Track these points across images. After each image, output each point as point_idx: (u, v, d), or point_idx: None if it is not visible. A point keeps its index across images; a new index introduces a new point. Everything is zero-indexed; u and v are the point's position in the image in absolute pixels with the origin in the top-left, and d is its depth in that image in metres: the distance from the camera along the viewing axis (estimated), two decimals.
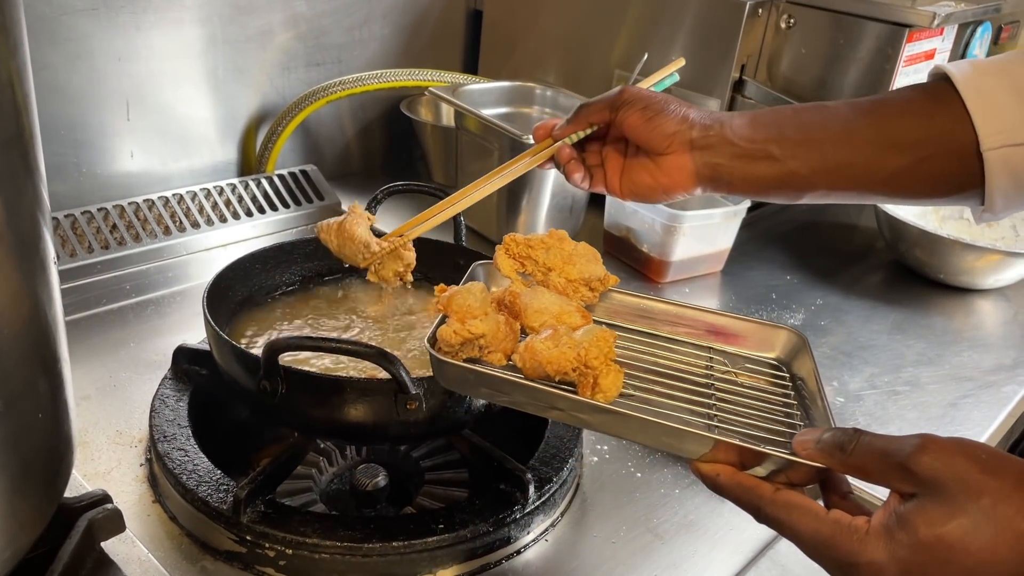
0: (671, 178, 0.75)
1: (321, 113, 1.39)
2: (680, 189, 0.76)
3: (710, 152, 0.73)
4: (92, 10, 1.08)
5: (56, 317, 0.62)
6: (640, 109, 0.74)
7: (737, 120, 0.74)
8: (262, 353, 0.68)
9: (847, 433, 0.53)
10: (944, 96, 0.67)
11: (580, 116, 0.78)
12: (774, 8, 1.27)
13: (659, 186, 0.76)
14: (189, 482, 0.75)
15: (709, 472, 0.57)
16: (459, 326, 0.62)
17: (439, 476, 0.89)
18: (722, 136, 0.73)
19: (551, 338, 0.63)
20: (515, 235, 0.74)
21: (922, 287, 1.31)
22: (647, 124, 0.74)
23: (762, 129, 0.72)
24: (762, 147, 0.72)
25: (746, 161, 0.73)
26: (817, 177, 0.72)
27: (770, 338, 0.75)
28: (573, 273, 0.73)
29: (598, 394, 0.60)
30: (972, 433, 0.98)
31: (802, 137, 0.71)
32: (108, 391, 0.93)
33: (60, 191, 1.12)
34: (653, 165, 0.76)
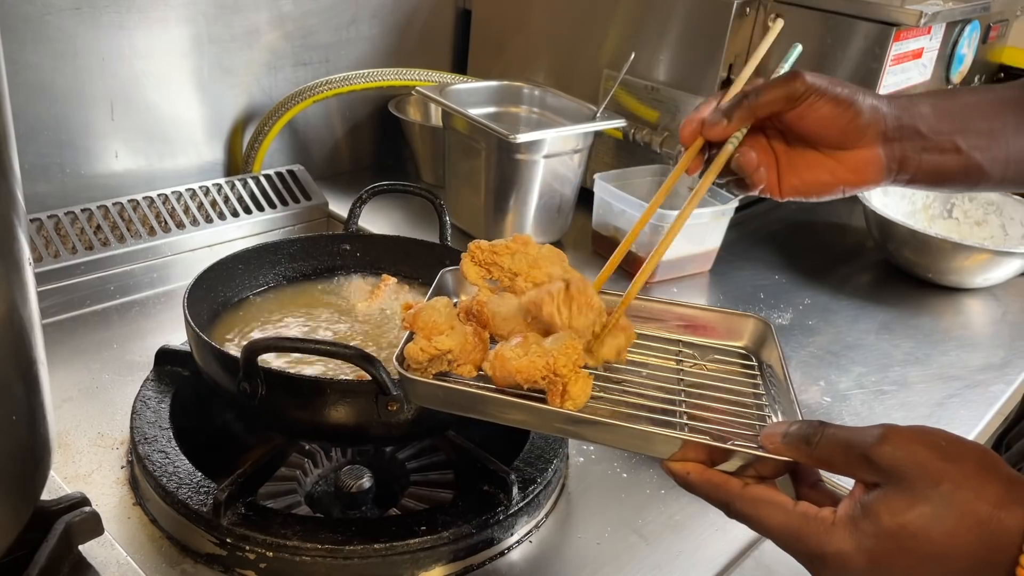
0: (858, 174, 0.69)
1: (308, 113, 1.38)
2: (868, 183, 0.70)
3: (900, 144, 0.69)
4: (76, 10, 1.07)
5: (32, 319, 0.61)
6: (831, 101, 0.66)
7: (924, 108, 0.69)
8: (240, 354, 0.68)
9: (812, 426, 0.54)
10: None
11: (748, 107, 0.67)
12: (761, 7, 1.27)
13: (841, 182, 0.70)
14: (169, 484, 0.74)
15: (679, 470, 0.58)
16: (425, 343, 0.61)
17: (425, 477, 0.88)
18: (913, 127, 0.68)
19: (520, 346, 0.63)
20: (480, 242, 0.72)
21: (911, 286, 1.31)
22: (840, 118, 0.66)
23: (948, 120, 0.69)
24: (949, 139, 0.69)
25: (933, 153, 0.69)
26: (996, 167, 0.70)
27: (737, 327, 0.75)
28: (540, 277, 0.71)
29: (567, 401, 0.59)
30: (959, 432, 0.97)
31: (986, 127, 0.69)
32: (90, 393, 0.92)
33: (44, 192, 1.12)
34: (831, 161, 0.69)
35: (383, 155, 1.57)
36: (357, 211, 1.01)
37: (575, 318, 0.65)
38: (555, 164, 1.24)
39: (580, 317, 0.65)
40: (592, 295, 0.66)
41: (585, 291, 0.66)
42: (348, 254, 1.00)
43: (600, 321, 0.66)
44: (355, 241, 1.00)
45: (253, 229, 1.24)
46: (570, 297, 0.65)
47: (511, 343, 0.64)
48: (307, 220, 1.31)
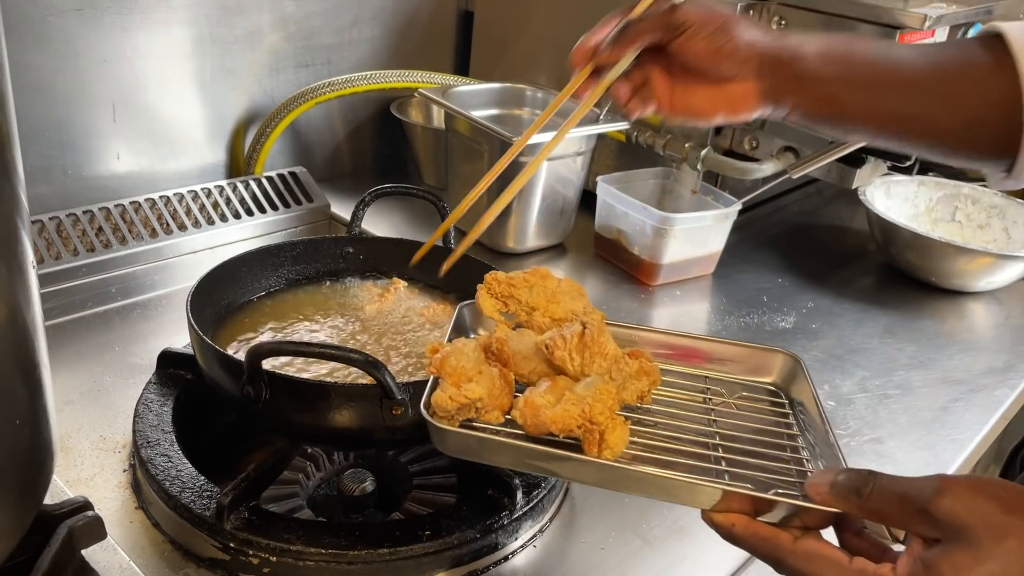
0: (732, 104, 0.72)
1: (310, 115, 1.38)
2: (742, 113, 0.72)
3: (776, 81, 0.70)
4: (78, 11, 1.07)
5: (35, 321, 0.61)
6: (707, 36, 0.68)
7: (808, 49, 0.70)
8: (244, 358, 0.68)
9: (862, 476, 0.52)
10: (1001, 58, 0.65)
11: (629, 35, 0.70)
12: (765, 9, 1.26)
13: (718, 110, 0.72)
14: (172, 488, 0.74)
15: (723, 523, 0.56)
16: (455, 391, 0.60)
17: (428, 481, 0.88)
18: (791, 67, 0.70)
19: (550, 391, 0.61)
20: (497, 273, 0.72)
21: (914, 290, 1.31)
22: (716, 53, 0.69)
23: (832, 66, 0.69)
24: (828, 88, 0.70)
25: (810, 98, 0.70)
26: (871, 120, 0.70)
27: (765, 362, 0.74)
28: (558, 312, 0.70)
29: (605, 450, 0.58)
30: (964, 437, 0.97)
31: (869, 79, 0.69)
32: (92, 396, 0.92)
33: (45, 193, 1.11)
34: (712, 90, 0.71)
35: (385, 157, 1.57)
36: (360, 214, 1.00)
37: (587, 366, 0.64)
38: (558, 167, 1.24)
39: (592, 365, 0.64)
40: (606, 342, 0.65)
41: (599, 339, 0.64)
42: (351, 256, 1.00)
43: (616, 368, 0.65)
44: (358, 244, 1.00)
45: (255, 231, 1.24)
46: (583, 344, 0.64)
47: (540, 388, 0.62)
48: (309, 222, 1.31)
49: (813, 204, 1.62)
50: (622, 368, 0.65)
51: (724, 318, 1.19)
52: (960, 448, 0.95)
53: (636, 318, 1.16)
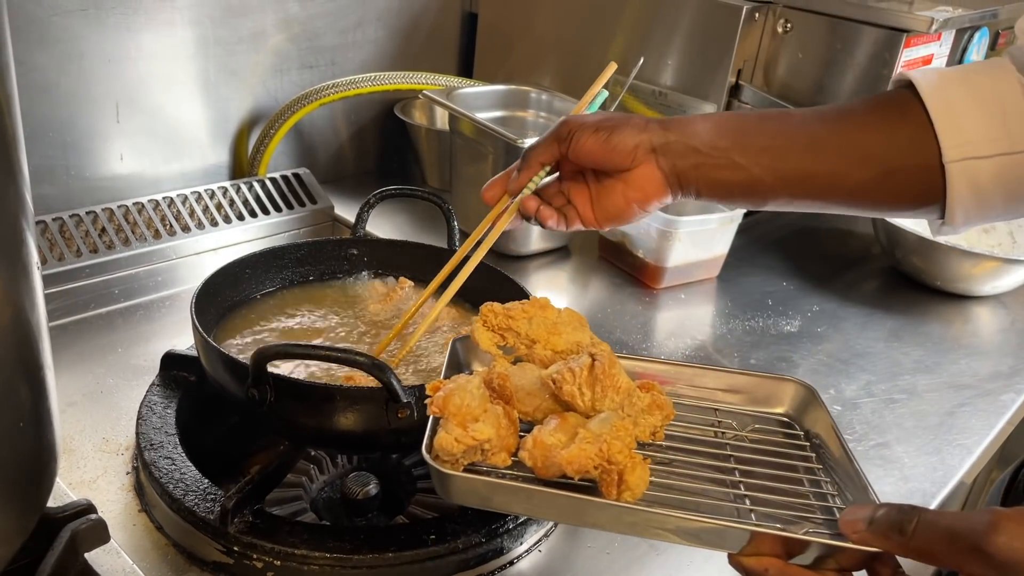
0: (642, 191, 0.73)
1: (314, 116, 1.37)
2: (653, 199, 0.74)
3: (674, 157, 0.71)
4: (82, 11, 1.06)
5: (39, 323, 0.60)
6: (592, 132, 0.71)
7: (699, 125, 0.72)
8: (250, 360, 0.67)
9: (904, 511, 0.49)
10: (909, 106, 0.66)
11: (530, 160, 0.75)
12: (771, 12, 1.26)
13: (631, 203, 0.74)
14: (176, 491, 0.73)
15: (755, 568, 0.54)
16: (461, 432, 0.56)
17: (431, 484, 0.87)
18: (684, 142, 0.71)
19: (560, 429, 0.57)
20: (493, 305, 0.68)
21: (919, 294, 1.31)
22: (605, 145, 0.71)
23: (726, 136, 0.71)
24: (726, 154, 0.70)
25: (711, 168, 0.71)
26: (781, 185, 0.70)
27: (776, 392, 0.71)
28: (560, 344, 0.67)
29: (625, 492, 0.54)
30: (971, 442, 0.97)
31: (767, 144, 0.70)
32: (95, 397, 0.91)
33: (48, 194, 1.11)
34: (621, 184, 0.73)
35: (388, 159, 1.57)
36: (365, 216, 1.00)
37: (598, 401, 0.60)
38: None
39: (604, 400, 0.60)
40: (618, 375, 0.61)
41: (611, 371, 0.61)
42: (355, 258, 1.00)
43: (628, 403, 0.61)
44: (362, 245, 1.00)
45: (258, 233, 1.24)
46: (594, 378, 0.60)
47: (549, 427, 0.58)
48: (312, 224, 1.30)
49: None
50: (634, 402, 0.62)
51: (729, 322, 1.18)
52: (967, 453, 0.95)
53: (640, 321, 1.16)
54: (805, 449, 0.67)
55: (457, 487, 0.57)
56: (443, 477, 0.56)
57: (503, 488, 0.56)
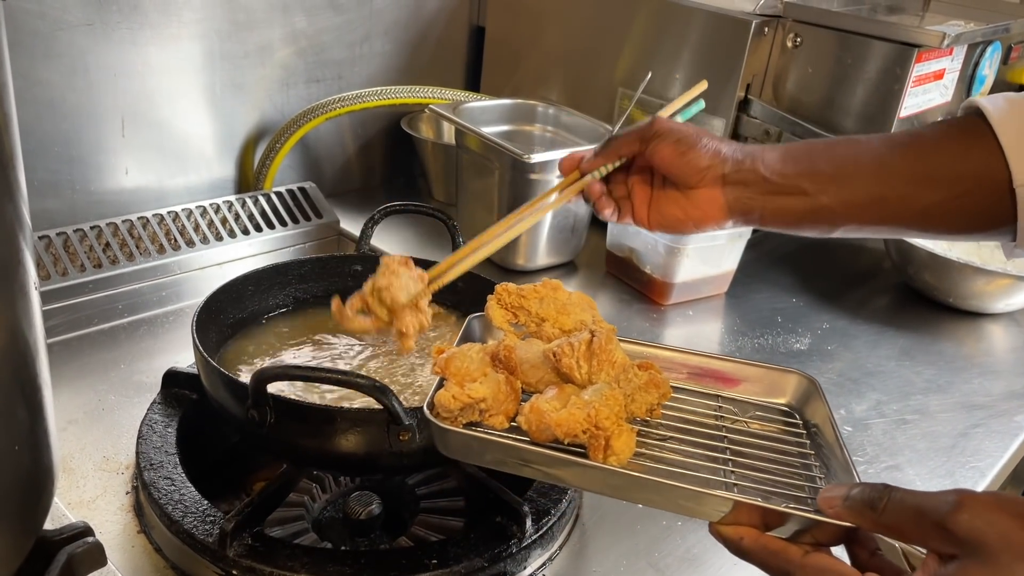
0: (702, 211, 0.74)
1: (320, 129, 1.37)
2: (711, 222, 0.75)
3: (742, 187, 0.73)
4: (88, 25, 1.06)
5: (37, 344, 0.60)
6: (673, 143, 0.73)
7: (769, 154, 0.73)
8: (250, 382, 0.66)
9: (876, 489, 0.51)
10: (977, 131, 0.66)
11: (610, 149, 0.76)
12: (780, 27, 1.25)
13: (689, 219, 0.75)
14: (175, 513, 0.72)
15: (732, 535, 0.55)
16: (458, 390, 0.59)
17: (435, 504, 0.86)
18: (754, 171, 0.72)
19: (556, 398, 0.60)
20: (508, 285, 0.72)
21: (931, 311, 1.29)
22: (680, 158, 0.72)
23: (794, 163, 0.71)
24: (794, 182, 0.71)
25: (778, 196, 0.72)
26: (849, 211, 0.71)
27: (779, 383, 0.72)
28: (568, 323, 0.70)
29: (611, 456, 0.57)
30: (984, 464, 0.95)
31: (834, 172, 0.71)
32: (96, 415, 0.90)
33: (53, 208, 1.10)
34: (683, 198, 0.75)
35: (395, 173, 1.56)
36: (369, 232, 0.99)
37: (595, 374, 0.63)
38: None
39: (600, 374, 0.63)
40: (614, 351, 0.64)
41: (607, 346, 0.64)
42: (360, 275, 0.98)
43: (624, 378, 0.64)
44: (367, 262, 0.99)
45: (263, 247, 1.23)
46: (591, 352, 0.63)
47: (547, 395, 0.61)
48: (318, 238, 1.30)
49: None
50: (631, 379, 0.64)
51: (738, 339, 1.17)
52: (980, 476, 0.93)
53: (647, 338, 1.14)
54: (802, 437, 0.68)
55: (451, 441, 0.60)
56: (440, 431, 0.59)
57: (495, 444, 0.58)
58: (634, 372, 0.65)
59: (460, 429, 0.59)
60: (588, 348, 0.63)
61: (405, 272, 0.74)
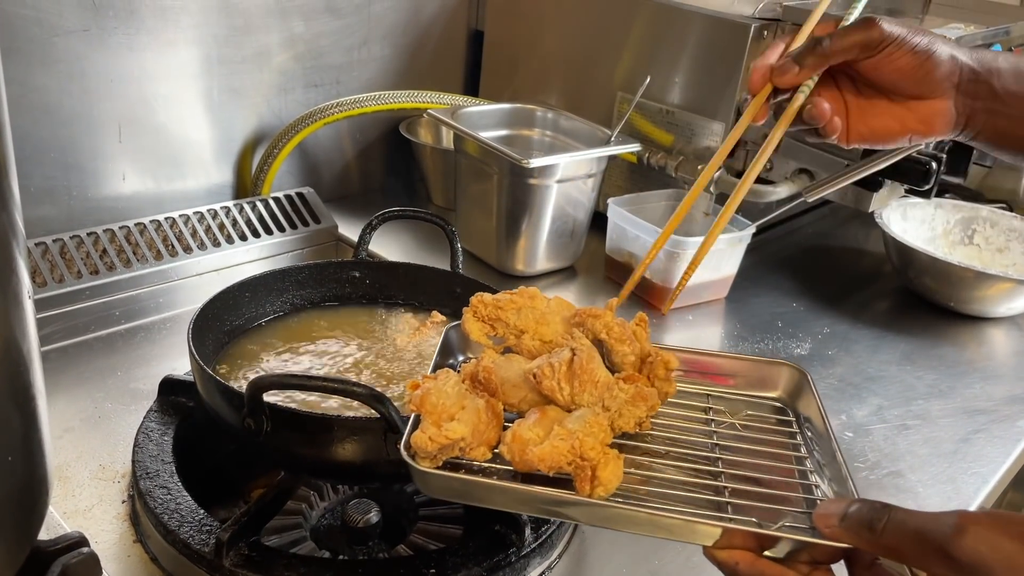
0: (928, 124, 0.68)
1: (319, 134, 1.36)
2: (936, 133, 0.69)
3: (971, 99, 0.67)
4: (84, 31, 1.06)
5: (31, 352, 0.59)
6: (910, 52, 0.65)
7: (1004, 65, 0.67)
8: (246, 390, 0.66)
9: (875, 509, 0.49)
10: None
11: (820, 53, 0.66)
12: (779, 30, 1.25)
13: (907, 131, 0.69)
14: (171, 522, 0.72)
15: (727, 560, 0.54)
16: (435, 431, 0.56)
17: (434, 512, 0.85)
18: (989, 86, 0.67)
19: (539, 423, 0.58)
20: (483, 296, 0.69)
21: (932, 315, 1.28)
22: (920, 68, 0.65)
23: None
24: (1022, 104, 0.67)
25: (1004, 118, 0.68)
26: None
27: (770, 376, 0.71)
28: (547, 334, 0.67)
29: (598, 487, 0.55)
30: (987, 470, 0.94)
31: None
32: (93, 422, 0.90)
33: (49, 215, 1.10)
34: (902, 109, 0.68)
35: (394, 177, 1.56)
36: (367, 238, 0.99)
37: (577, 395, 0.61)
38: (568, 188, 1.22)
39: (583, 395, 0.61)
40: (596, 369, 0.62)
41: (589, 366, 0.62)
42: (358, 281, 0.98)
43: (609, 396, 0.62)
44: (364, 268, 0.98)
45: (261, 253, 1.23)
46: (572, 373, 0.61)
47: (528, 421, 0.59)
48: (316, 244, 1.29)
49: (828, 225, 1.60)
50: (616, 395, 0.62)
51: (738, 343, 1.16)
52: (983, 482, 0.93)
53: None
54: (795, 436, 0.67)
55: (432, 483, 0.58)
56: (418, 473, 0.57)
57: (478, 485, 0.57)
58: (619, 387, 0.63)
59: (439, 472, 0.57)
60: (569, 368, 0.61)
61: None
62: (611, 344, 0.66)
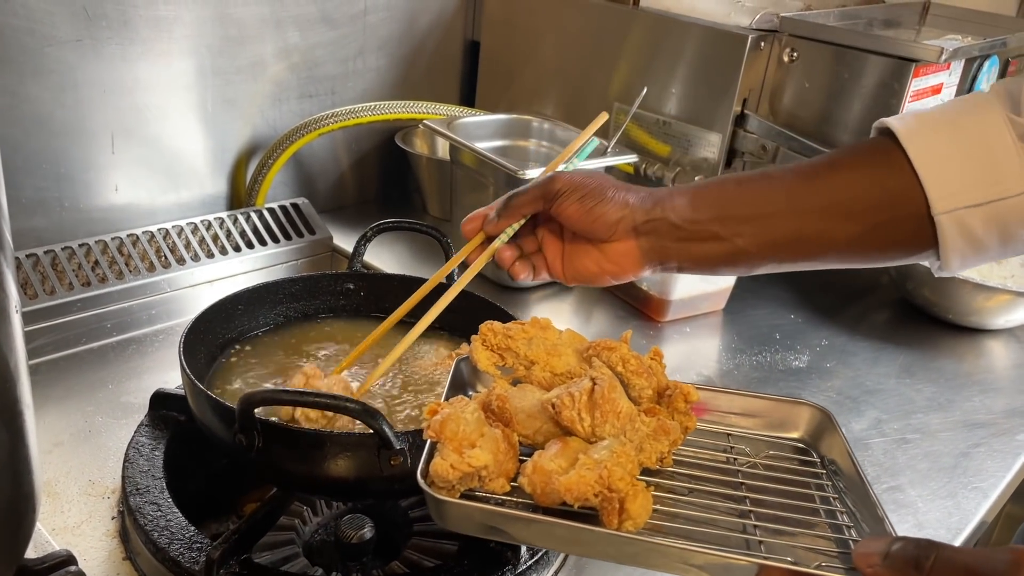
0: (618, 264, 0.73)
1: (314, 145, 1.36)
2: (628, 273, 0.73)
3: (655, 236, 0.71)
4: (77, 41, 1.05)
5: (18, 367, 0.58)
6: (578, 200, 0.71)
7: (678, 200, 0.70)
8: (236, 406, 0.65)
9: (921, 547, 0.47)
10: (892, 155, 0.64)
11: (511, 208, 0.74)
12: (776, 41, 1.24)
13: (605, 272, 0.74)
14: (160, 539, 0.70)
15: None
16: (457, 459, 0.54)
17: (428, 527, 0.84)
18: (664, 219, 0.70)
19: (561, 454, 0.56)
20: (493, 324, 0.67)
21: (930, 327, 1.28)
22: (587, 215, 0.71)
23: (705, 208, 0.69)
24: (705, 227, 0.69)
25: (692, 243, 0.70)
26: (766, 252, 0.69)
27: (791, 416, 0.69)
28: (559, 366, 0.66)
29: (627, 521, 0.53)
30: (987, 485, 0.94)
31: (747, 213, 0.68)
32: (83, 437, 0.89)
33: (41, 226, 1.09)
34: (596, 251, 0.73)
35: (389, 188, 1.55)
36: (361, 250, 0.98)
37: (599, 426, 0.59)
38: None
39: (605, 426, 0.59)
40: (618, 400, 0.60)
41: (611, 396, 0.59)
42: (352, 293, 0.97)
43: (631, 428, 0.59)
44: (359, 280, 0.97)
45: (256, 264, 1.22)
46: (593, 403, 0.59)
47: (549, 452, 0.57)
48: (311, 255, 1.28)
49: None
50: (638, 428, 0.60)
51: (736, 356, 1.15)
52: (983, 497, 0.92)
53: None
54: (820, 477, 0.65)
55: (452, 514, 0.55)
56: (438, 504, 0.54)
57: (500, 516, 0.54)
58: (641, 420, 0.61)
59: (460, 501, 0.55)
60: (590, 399, 0.59)
61: None
62: (628, 377, 0.65)
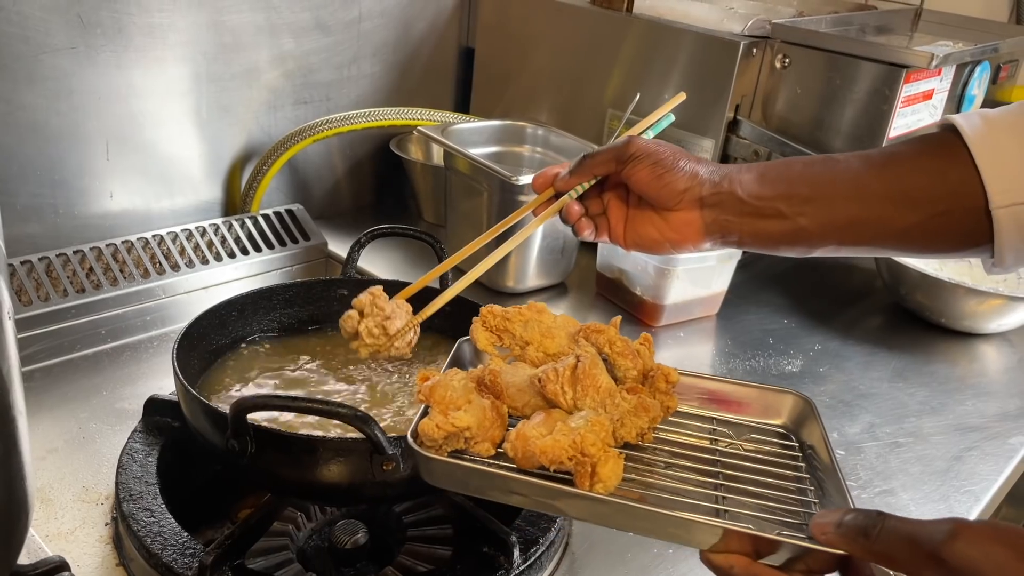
0: (680, 233, 0.74)
1: (308, 151, 1.36)
2: (689, 244, 0.75)
3: (719, 209, 0.72)
4: (71, 48, 1.05)
5: (11, 373, 0.58)
6: (650, 165, 0.72)
7: (746, 175, 0.72)
8: (229, 411, 0.65)
9: (870, 516, 0.50)
10: (955, 150, 0.66)
11: (584, 167, 0.76)
12: (769, 48, 1.25)
13: (666, 240, 0.75)
14: (153, 545, 0.70)
15: (722, 564, 0.54)
16: (442, 419, 0.58)
17: (422, 533, 0.85)
18: (731, 193, 0.71)
19: (543, 424, 0.60)
20: (492, 307, 0.72)
21: (923, 331, 1.28)
22: (657, 181, 0.72)
23: (770, 185, 0.71)
24: (771, 204, 0.71)
25: (755, 218, 0.71)
26: (827, 233, 0.70)
27: (775, 404, 0.72)
28: (552, 347, 0.70)
29: (597, 484, 0.56)
30: (979, 488, 0.94)
31: (811, 193, 0.70)
32: (77, 443, 0.89)
33: (36, 233, 1.09)
34: (660, 219, 0.74)
35: (384, 194, 1.55)
36: (355, 255, 0.98)
37: (580, 399, 0.63)
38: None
39: (585, 399, 0.63)
40: (598, 375, 0.64)
41: (592, 371, 0.63)
42: (346, 299, 0.97)
43: (611, 403, 0.63)
44: (353, 286, 0.97)
45: (250, 270, 1.22)
46: (575, 378, 0.63)
47: (533, 421, 0.61)
48: (306, 261, 1.28)
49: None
50: (618, 403, 0.63)
51: (729, 361, 1.16)
52: (975, 500, 0.92)
53: None
54: (797, 459, 0.68)
55: (436, 470, 0.59)
56: (424, 460, 0.58)
57: (479, 473, 0.58)
58: (622, 396, 0.64)
59: (444, 457, 0.59)
60: (572, 374, 0.63)
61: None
62: (613, 358, 0.68)
